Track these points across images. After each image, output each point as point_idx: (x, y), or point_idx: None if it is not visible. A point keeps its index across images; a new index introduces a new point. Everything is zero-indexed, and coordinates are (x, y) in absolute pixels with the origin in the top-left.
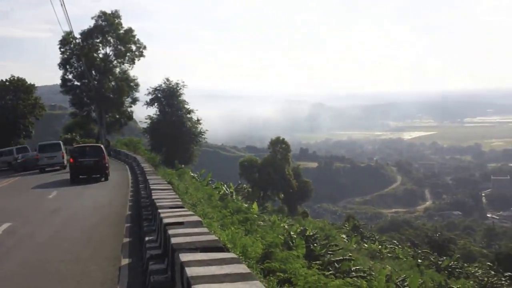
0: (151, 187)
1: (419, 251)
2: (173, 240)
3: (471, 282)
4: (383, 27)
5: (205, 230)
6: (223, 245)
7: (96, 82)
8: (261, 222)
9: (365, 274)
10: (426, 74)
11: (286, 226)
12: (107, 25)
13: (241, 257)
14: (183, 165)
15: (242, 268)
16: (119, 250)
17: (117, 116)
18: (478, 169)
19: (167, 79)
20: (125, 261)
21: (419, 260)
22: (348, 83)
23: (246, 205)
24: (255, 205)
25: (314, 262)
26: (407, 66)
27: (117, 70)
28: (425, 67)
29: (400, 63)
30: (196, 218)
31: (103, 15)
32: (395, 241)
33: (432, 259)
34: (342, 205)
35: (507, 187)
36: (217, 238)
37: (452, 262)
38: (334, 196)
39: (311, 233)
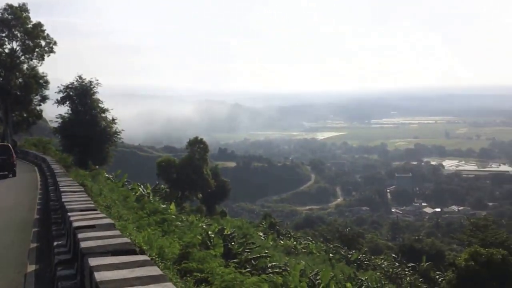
0: (61, 189)
1: (331, 246)
2: (83, 244)
3: (378, 273)
4: (300, 28)
5: (118, 233)
6: (138, 247)
7: (1, 79)
8: (179, 223)
9: (281, 270)
10: (339, 76)
11: (204, 226)
12: (14, 18)
13: (157, 259)
14: (97, 166)
15: (154, 271)
16: (26, 256)
17: (25, 115)
18: (384, 167)
19: (80, 77)
20: (31, 268)
21: (331, 255)
22: (266, 83)
23: (163, 206)
24: (173, 206)
25: (231, 261)
26: (321, 68)
27: (25, 66)
28: (338, 69)
29: (314, 65)
30: (108, 220)
31: (9, 8)
32: (309, 237)
33: (342, 253)
34: (260, 203)
35: (409, 184)
36: (129, 240)
37: (360, 255)
38: (252, 195)
39: (229, 232)
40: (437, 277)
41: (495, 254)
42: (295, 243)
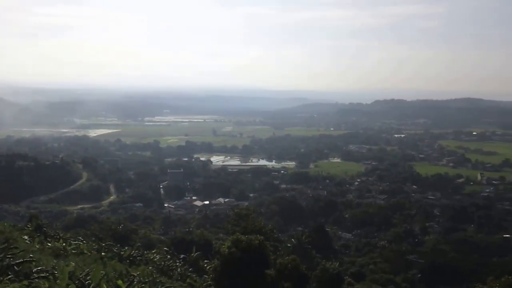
0: None
1: (103, 244)
2: None
3: (150, 267)
4: None
5: None
6: None
7: None
8: None
9: (48, 274)
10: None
11: None
12: None
13: None
14: None
15: None
16: None
17: None
18: (157, 164)
19: None
20: None
21: (103, 253)
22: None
23: None
24: None
25: None
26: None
27: None
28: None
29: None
30: None
31: None
32: (80, 237)
33: (115, 250)
34: (26, 205)
35: (181, 179)
36: None
37: (133, 251)
38: (17, 196)
39: None
40: (205, 265)
41: (253, 240)
42: (64, 244)
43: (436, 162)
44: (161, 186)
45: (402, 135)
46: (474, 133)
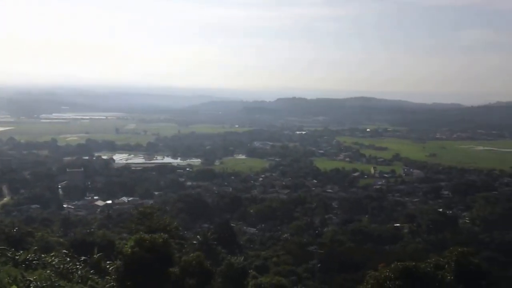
0: None
1: None
2: None
3: (48, 271)
4: None
5: None
6: None
7: None
8: None
9: None
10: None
11: None
12: None
13: None
14: None
15: None
16: None
17: None
18: (55, 163)
19: None
20: None
21: None
22: None
23: None
24: None
25: None
26: None
27: None
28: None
29: None
30: None
31: None
32: None
33: (9, 254)
34: None
35: (81, 179)
36: None
37: (29, 255)
38: None
39: None
40: (108, 266)
41: (157, 239)
42: None
43: (334, 157)
44: (59, 186)
45: (303, 132)
46: (367, 129)
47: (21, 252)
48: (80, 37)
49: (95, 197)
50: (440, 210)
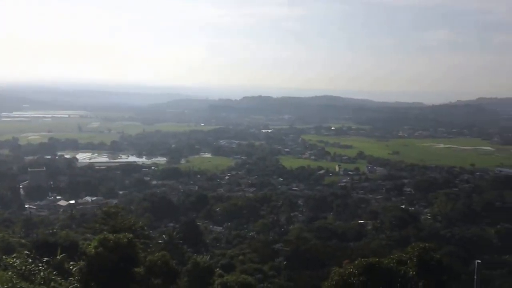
0: None
1: None
2: None
3: (10, 273)
4: None
5: None
6: None
7: None
8: None
9: None
10: None
11: None
12: None
13: None
14: None
15: None
16: None
17: None
18: (16, 163)
19: None
20: None
21: None
22: None
23: None
24: None
25: None
26: None
27: None
28: None
29: None
30: None
31: None
32: None
33: None
34: None
35: (43, 178)
36: None
37: None
38: None
39: None
40: (71, 267)
41: (121, 239)
42: None
43: (299, 155)
44: (21, 186)
45: (269, 130)
46: (332, 128)
47: None
48: (39, 34)
49: (58, 197)
50: (403, 206)
